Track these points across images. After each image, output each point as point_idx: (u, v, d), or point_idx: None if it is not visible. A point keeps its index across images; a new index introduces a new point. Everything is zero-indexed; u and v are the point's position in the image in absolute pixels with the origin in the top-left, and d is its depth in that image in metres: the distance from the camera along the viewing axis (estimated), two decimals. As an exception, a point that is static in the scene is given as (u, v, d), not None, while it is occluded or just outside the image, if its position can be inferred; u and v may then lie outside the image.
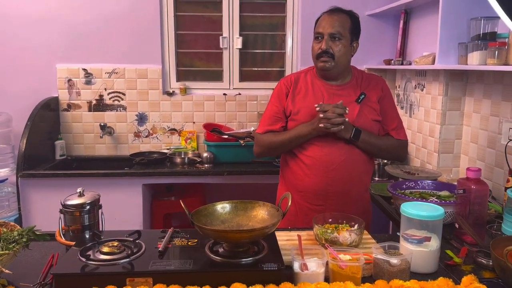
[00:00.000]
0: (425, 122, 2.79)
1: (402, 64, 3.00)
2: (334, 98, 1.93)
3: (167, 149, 3.41)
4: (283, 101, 1.98)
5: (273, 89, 2.10)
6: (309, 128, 1.88)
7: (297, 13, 3.43)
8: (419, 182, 2.09)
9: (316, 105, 1.87)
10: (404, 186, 2.09)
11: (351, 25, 1.92)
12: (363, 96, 1.95)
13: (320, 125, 1.82)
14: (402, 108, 3.18)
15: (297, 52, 3.48)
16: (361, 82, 2.00)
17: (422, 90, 2.83)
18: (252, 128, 3.23)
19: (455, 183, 1.80)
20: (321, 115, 1.82)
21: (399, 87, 3.25)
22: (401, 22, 3.07)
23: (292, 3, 3.42)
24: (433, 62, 2.45)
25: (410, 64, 3.01)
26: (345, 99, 1.91)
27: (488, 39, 2.06)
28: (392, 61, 3.08)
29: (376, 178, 2.73)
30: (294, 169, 1.99)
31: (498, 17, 2.15)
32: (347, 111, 1.84)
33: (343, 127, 1.83)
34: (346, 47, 1.91)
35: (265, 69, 3.54)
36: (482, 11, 2.18)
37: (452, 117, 2.59)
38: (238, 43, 3.43)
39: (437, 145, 2.63)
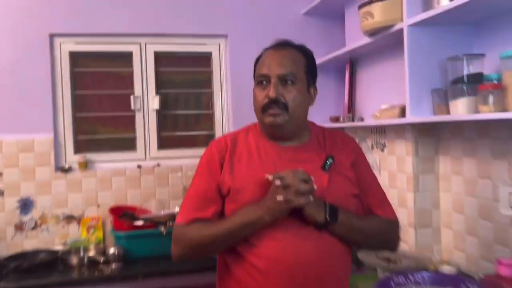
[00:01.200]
0: (392, 189, 2.27)
1: (353, 120, 2.52)
2: (290, 165, 1.32)
3: (63, 244, 2.55)
4: (216, 174, 1.33)
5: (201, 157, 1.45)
6: (259, 211, 1.24)
7: (225, 67, 2.90)
8: (410, 275, 1.47)
9: (267, 175, 1.25)
10: (392, 284, 1.47)
11: (306, 63, 1.37)
12: (330, 160, 1.36)
13: (278, 198, 1.20)
14: (357, 172, 2.65)
15: (227, 113, 2.91)
16: (324, 142, 1.43)
17: (382, 150, 2.34)
18: (177, 209, 2.51)
19: (456, 273, 1.21)
20: (277, 182, 1.21)
21: (350, 148, 2.74)
22: (347, 73, 2.64)
23: (218, 56, 2.89)
24: (401, 115, 1.96)
25: (362, 120, 2.54)
26: (306, 166, 1.31)
27: (474, 82, 1.61)
28: (341, 118, 2.60)
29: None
30: (240, 277, 1.30)
31: (483, 55, 1.78)
32: (312, 181, 1.24)
33: (312, 198, 1.21)
34: (303, 93, 1.35)
35: (190, 133, 2.90)
36: (453, 50, 1.77)
37: (426, 182, 2.08)
38: (154, 103, 2.78)
39: (411, 217, 2.09)
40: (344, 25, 2.76)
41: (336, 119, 2.67)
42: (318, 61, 2.71)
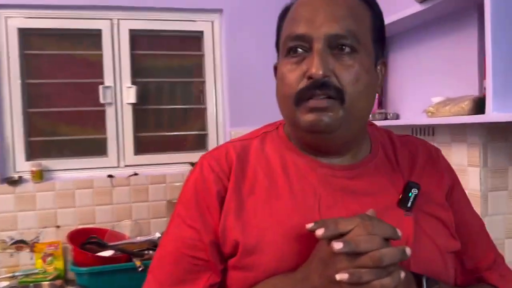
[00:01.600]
0: (443, 209, 1.71)
1: (386, 118, 1.95)
2: (345, 200, 0.75)
3: (10, 277, 1.97)
4: (212, 219, 0.76)
5: (191, 164, 1.08)
6: None
7: (219, 50, 2.31)
8: None
9: (310, 225, 0.66)
10: None
11: (372, 19, 0.79)
12: (415, 191, 0.78)
13: (339, 276, 0.61)
14: (389, 184, 2.10)
15: (223, 107, 2.33)
16: (396, 157, 0.84)
17: (429, 157, 1.77)
18: (158, 235, 1.93)
19: None
20: (337, 247, 0.60)
21: (379, 153, 2.18)
22: (377, 57, 2.06)
23: (211, 36, 2.31)
24: (474, 111, 1.39)
25: (397, 117, 1.97)
26: (372, 201, 0.75)
27: None
28: (370, 115, 2.02)
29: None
30: None
31: None
32: (399, 235, 0.65)
33: (402, 275, 0.63)
34: (369, 71, 0.75)
35: (176, 133, 2.31)
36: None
37: (499, 202, 1.53)
38: (130, 95, 2.19)
39: (478, 251, 1.53)
40: None
41: (362, 116, 2.11)
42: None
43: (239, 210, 0.75)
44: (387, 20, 1.71)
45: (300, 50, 0.73)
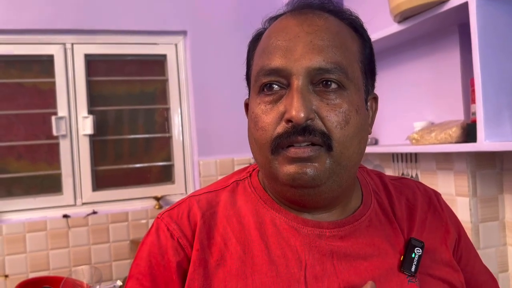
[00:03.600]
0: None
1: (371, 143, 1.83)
2: (335, 265, 0.62)
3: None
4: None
5: (156, 198, 1.17)
6: None
7: (184, 74, 2.16)
8: None
9: None
10: None
11: (361, 48, 0.66)
12: (419, 251, 0.65)
13: None
14: (370, 213, 1.97)
15: (190, 135, 2.16)
16: (392, 206, 0.71)
17: (412, 185, 1.66)
18: (119, 283, 1.73)
19: None
20: None
21: (358, 179, 2.06)
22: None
23: (175, 59, 2.15)
24: (462, 138, 1.28)
25: (375, 142, 1.86)
26: (370, 266, 0.62)
27: None
28: (347, 140, 1.90)
29: None
30: None
31: None
32: None
33: None
34: (359, 109, 0.62)
35: (139, 165, 2.13)
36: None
37: (490, 233, 1.42)
38: (86, 125, 2.00)
39: None
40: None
41: (339, 142, 1.98)
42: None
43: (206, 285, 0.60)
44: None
45: (275, 86, 0.60)
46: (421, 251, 0.65)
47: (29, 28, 1.92)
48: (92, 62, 2.05)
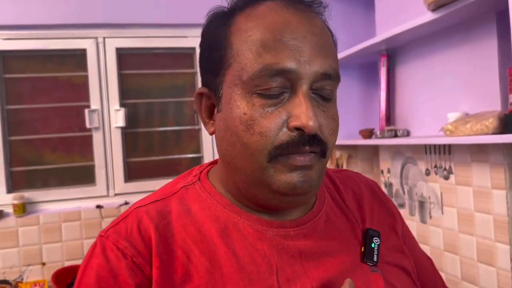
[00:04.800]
0: (465, 235, 1.55)
1: (396, 136, 1.80)
2: (304, 265, 0.59)
3: (-9, 323, 1.79)
4: None
5: None
6: None
7: None
8: None
9: None
10: None
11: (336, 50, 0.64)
12: (377, 240, 0.66)
13: None
14: (401, 206, 1.93)
15: (219, 128, 2.17)
16: (343, 198, 0.71)
17: (446, 178, 1.62)
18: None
19: None
20: None
21: (388, 173, 2.02)
22: (383, 70, 1.92)
23: (204, 52, 2.16)
24: (499, 129, 1.24)
25: (407, 134, 1.82)
26: (337, 261, 0.61)
27: None
28: (377, 133, 1.88)
29: None
30: None
31: None
32: None
33: None
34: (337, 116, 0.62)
35: (169, 157, 2.16)
36: None
37: (528, 229, 1.37)
38: (118, 118, 2.03)
39: (507, 285, 1.37)
40: (371, 8, 2.05)
41: (369, 134, 1.96)
42: (338, 55, 2.02)
43: None
44: (397, 30, 1.57)
45: (276, 88, 0.55)
46: (379, 240, 0.65)
47: (63, 23, 1.97)
48: (123, 56, 2.09)
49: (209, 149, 2.18)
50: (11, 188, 1.97)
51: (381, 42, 1.74)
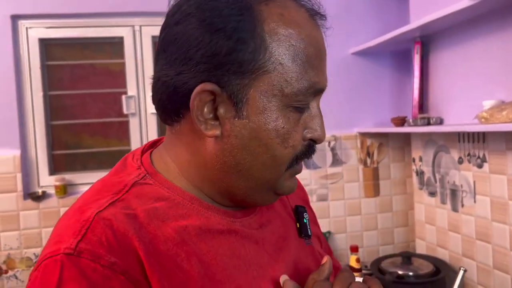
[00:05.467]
0: (498, 223, 1.54)
1: (428, 123, 1.79)
2: (266, 248, 0.61)
3: (35, 296, 1.89)
4: None
5: None
6: None
7: None
8: None
9: None
10: None
11: None
12: (306, 215, 0.71)
13: None
14: (432, 194, 1.93)
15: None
16: None
17: (480, 166, 1.61)
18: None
19: None
20: None
21: (420, 161, 2.02)
22: (417, 57, 1.91)
23: (236, 40, 2.19)
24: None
25: (440, 122, 1.81)
26: (286, 241, 0.65)
27: None
28: (410, 120, 1.87)
29: None
30: None
31: None
32: None
33: None
34: None
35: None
36: None
37: None
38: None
39: (541, 273, 1.37)
40: (406, -7, 2.03)
41: (401, 122, 1.95)
42: (372, 43, 2.01)
43: None
44: (432, 16, 1.56)
45: (302, 106, 0.56)
46: (307, 215, 0.70)
47: (101, 12, 2.03)
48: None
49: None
50: (53, 171, 2.06)
51: (415, 29, 1.73)
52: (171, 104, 0.55)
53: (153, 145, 0.65)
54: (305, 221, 0.69)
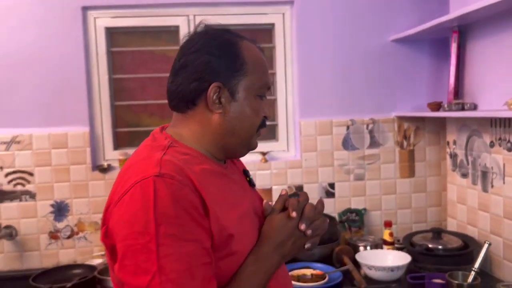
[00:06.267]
0: (524, 204, 1.66)
1: (463, 108, 1.91)
2: (241, 186, 1.03)
3: (102, 255, 2.18)
4: (205, 222, 0.82)
5: (261, 154, 1.49)
6: (277, 258, 0.92)
7: (290, 43, 2.35)
8: None
9: (292, 213, 0.92)
10: None
11: None
12: (249, 174, 1.11)
13: (306, 246, 0.95)
14: (464, 176, 2.05)
15: (293, 98, 2.37)
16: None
17: (509, 150, 1.73)
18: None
19: None
20: (309, 232, 0.93)
21: (454, 144, 2.13)
22: (454, 46, 2.01)
23: (282, 29, 2.35)
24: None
25: (474, 108, 1.92)
26: (240, 186, 1.03)
27: None
28: (445, 106, 1.99)
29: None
30: None
31: None
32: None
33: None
34: None
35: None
36: None
37: None
38: (205, 88, 2.29)
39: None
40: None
41: (437, 107, 2.07)
42: (411, 31, 2.12)
43: (220, 212, 0.84)
44: (472, 7, 1.63)
45: (263, 97, 0.97)
46: (250, 174, 1.09)
47: (160, 2, 2.23)
48: (210, 32, 2.33)
49: (283, 118, 2.39)
50: (116, 146, 2.32)
51: (453, 19, 1.82)
52: (191, 97, 0.92)
53: (162, 129, 1.00)
54: (250, 177, 1.08)
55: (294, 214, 0.90)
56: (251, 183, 1.07)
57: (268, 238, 0.91)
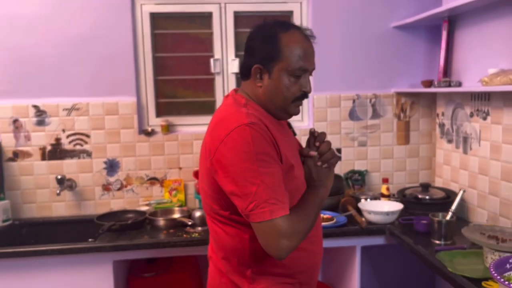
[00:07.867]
0: (493, 161, 2.09)
1: (450, 85, 2.32)
2: (291, 137, 1.45)
3: (146, 204, 2.62)
4: (278, 158, 1.22)
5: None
6: (324, 190, 1.35)
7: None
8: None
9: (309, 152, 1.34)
10: (508, 265, 1.41)
11: None
12: (292, 127, 1.55)
13: (324, 165, 1.37)
14: (449, 142, 2.48)
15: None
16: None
17: (484, 118, 2.15)
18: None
19: None
20: (319, 163, 1.34)
21: (442, 115, 2.56)
22: (444, 33, 2.41)
23: (299, 15, 2.74)
24: (520, 82, 1.76)
25: (459, 85, 2.33)
26: (290, 136, 1.45)
27: None
28: (435, 83, 2.40)
29: (437, 241, 1.98)
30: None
31: None
32: None
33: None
34: None
35: (268, 97, 2.82)
36: None
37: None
38: (234, 66, 2.71)
39: (520, 194, 1.92)
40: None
41: (429, 84, 2.48)
42: (410, 19, 2.51)
43: (283, 149, 1.23)
44: (456, 3, 2.03)
45: (299, 75, 1.28)
46: (293, 127, 1.54)
47: (196, -8, 2.62)
48: (238, 18, 2.72)
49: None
50: (158, 114, 2.74)
51: (445, 10, 2.22)
52: (246, 72, 1.31)
53: (236, 91, 1.36)
54: (293, 129, 1.49)
55: (312, 153, 1.30)
56: (294, 133, 1.48)
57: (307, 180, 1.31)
